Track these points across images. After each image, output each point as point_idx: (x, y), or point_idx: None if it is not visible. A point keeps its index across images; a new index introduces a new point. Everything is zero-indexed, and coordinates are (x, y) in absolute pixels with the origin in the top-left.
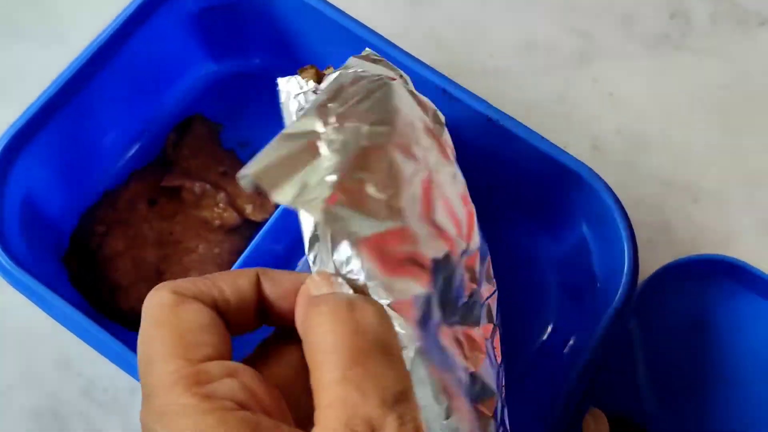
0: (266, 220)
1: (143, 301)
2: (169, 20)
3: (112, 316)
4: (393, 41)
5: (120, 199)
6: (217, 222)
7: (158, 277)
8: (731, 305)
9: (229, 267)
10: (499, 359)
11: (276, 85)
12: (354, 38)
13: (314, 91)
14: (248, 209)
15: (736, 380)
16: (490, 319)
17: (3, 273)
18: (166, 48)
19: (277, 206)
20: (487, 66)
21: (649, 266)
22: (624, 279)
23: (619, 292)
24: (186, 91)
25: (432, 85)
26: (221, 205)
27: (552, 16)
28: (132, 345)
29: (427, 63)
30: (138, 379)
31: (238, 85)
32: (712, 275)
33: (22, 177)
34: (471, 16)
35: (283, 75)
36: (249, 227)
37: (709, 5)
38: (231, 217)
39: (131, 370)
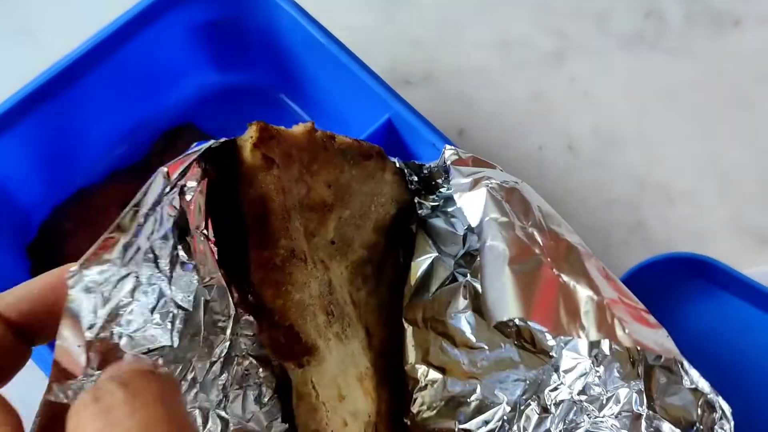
0: None
1: None
2: (172, 28)
3: None
4: (369, 41)
5: (94, 198)
6: None
7: None
8: (704, 303)
9: None
10: None
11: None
12: (342, 66)
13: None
14: None
15: (708, 377)
16: None
17: None
18: (165, 54)
19: None
20: (464, 65)
21: (624, 266)
22: None
23: None
24: (182, 98)
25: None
26: None
27: (527, 16)
28: None
29: (404, 62)
30: None
31: (235, 99)
32: (685, 274)
33: None
34: (447, 16)
35: (280, 92)
36: None
37: (683, 5)
38: None
39: None
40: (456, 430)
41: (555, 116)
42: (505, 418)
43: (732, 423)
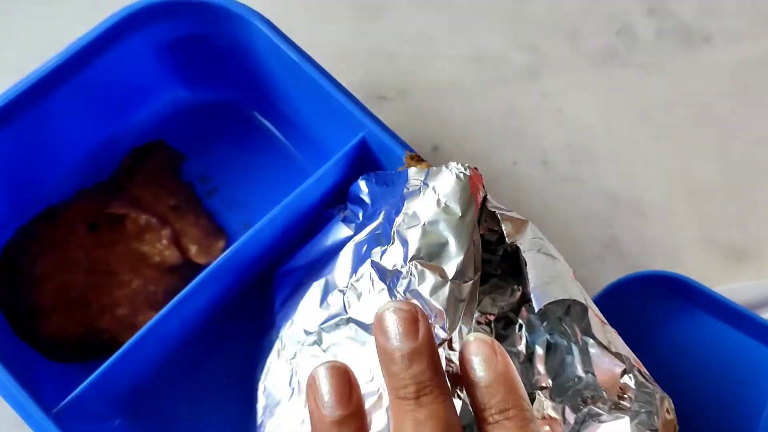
0: (209, 264)
1: (63, 329)
2: (141, 45)
3: (31, 341)
4: (341, 55)
5: (60, 218)
6: (156, 258)
7: (84, 306)
8: (677, 320)
9: (162, 306)
10: None
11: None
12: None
13: None
14: (193, 250)
15: (683, 395)
16: None
17: None
18: (134, 71)
19: (224, 250)
20: (438, 80)
21: (599, 282)
22: None
23: None
24: (152, 116)
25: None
26: (164, 241)
27: (499, 31)
28: (46, 375)
29: (377, 77)
30: None
31: (207, 116)
32: (658, 291)
33: None
34: (419, 30)
35: (253, 109)
36: (190, 269)
37: (654, 22)
38: (172, 255)
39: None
40: None
41: (529, 132)
42: None
43: None
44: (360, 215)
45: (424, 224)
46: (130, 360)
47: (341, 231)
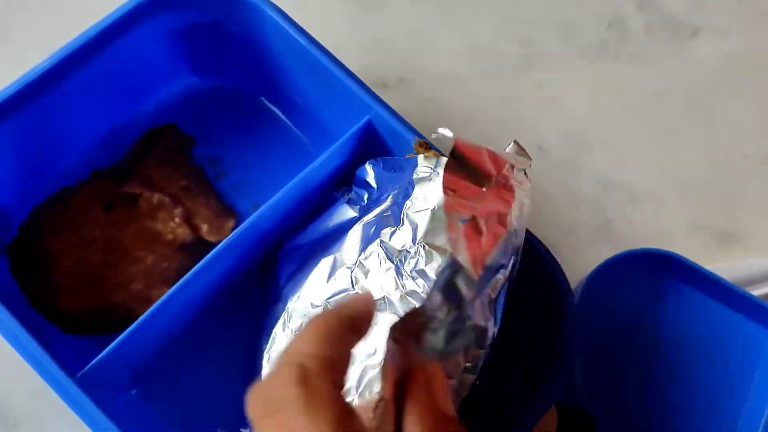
0: (220, 242)
1: (79, 303)
2: (151, 32)
3: (48, 315)
4: (340, 46)
5: (75, 198)
6: (169, 236)
7: (100, 282)
8: (667, 297)
9: (175, 282)
10: None
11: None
12: (322, 69)
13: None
14: (204, 228)
15: (673, 368)
16: None
17: None
18: (145, 58)
19: (233, 229)
20: (435, 71)
21: (592, 262)
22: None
23: None
24: (163, 101)
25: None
26: (176, 220)
27: (494, 25)
28: (66, 346)
29: (375, 68)
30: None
31: (216, 102)
32: (649, 268)
33: None
34: (416, 23)
35: (261, 95)
36: (201, 247)
37: (644, 16)
38: (184, 233)
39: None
40: None
41: (524, 121)
42: None
43: None
44: (365, 198)
45: (433, 209)
46: (147, 331)
47: (346, 212)
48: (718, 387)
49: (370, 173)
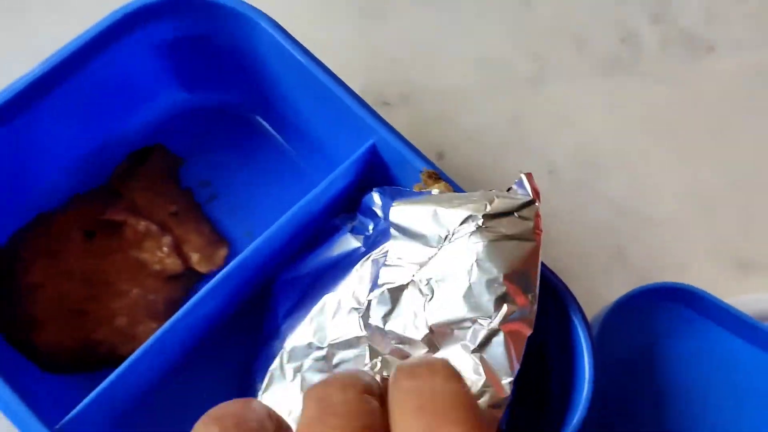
0: (211, 272)
1: (58, 340)
2: (138, 46)
3: (24, 352)
4: (342, 59)
5: (54, 224)
6: (156, 267)
7: (81, 317)
8: (688, 332)
9: (164, 317)
10: None
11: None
12: (323, 88)
13: None
14: (194, 258)
15: (695, 407)
16: None
17: None
18: (131, 73)
19: (226, 258)
20: (441, 86)
21: (606, 295)
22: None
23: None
24: (150, 117)
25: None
26: (165, 249)
27: (504, 37)
28: (43, 387)
29: (380, 82)
30: None
31: (207, 120)
32: (669, 303)
33: None
34: (421, 33)
35: (255, 113)
36: (191, 277)
37: (658, 30)
38: (174, 263)
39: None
40: None
41: (535, 140)
42: None
43: None
44: (370, 228)
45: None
46: (134, 373)
47: (349, 242)
48: (739, 427)
49: (377, 202)
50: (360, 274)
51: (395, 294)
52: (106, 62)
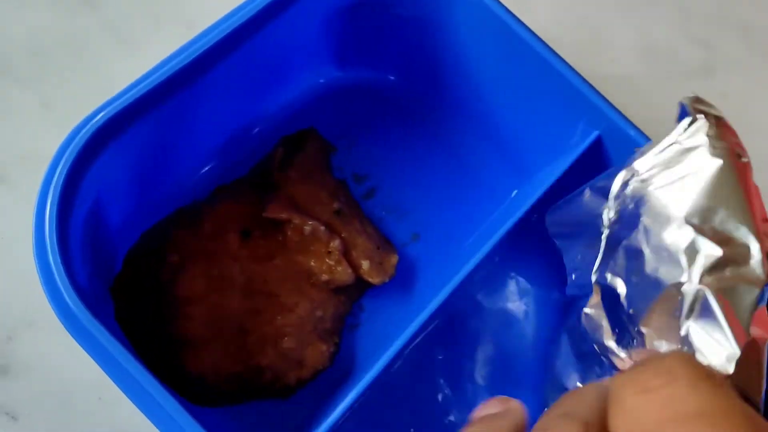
0: (383, 284)
1: (217, 367)
2: (307, 12)
3: (171, 381)
4: None
5: (204, 222)
6: (324, 276)
7: (241, 337)
8: None
9: (330, 336)
10: None
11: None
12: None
13: None
14: (365, 266)
15: None
16: None
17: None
18: (288, 46)
19: (395, 267)
20: (608, 72)
21: None
22: None
23: None
24: (297, 98)
25: None
26: (335, 255)
27: (669, 23)
28: (200, 420)
29: None
30: None
31: (365, 101)
32: None
33: (93, 184)
34: (580, 15)
35: (420, 97)
36: (358, 289)
37: None
38: (344, 273)
39: None
40: None
41: None
42: None
43: None
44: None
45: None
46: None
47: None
48: None
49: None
50: None
51: None
52: (271, 33)
